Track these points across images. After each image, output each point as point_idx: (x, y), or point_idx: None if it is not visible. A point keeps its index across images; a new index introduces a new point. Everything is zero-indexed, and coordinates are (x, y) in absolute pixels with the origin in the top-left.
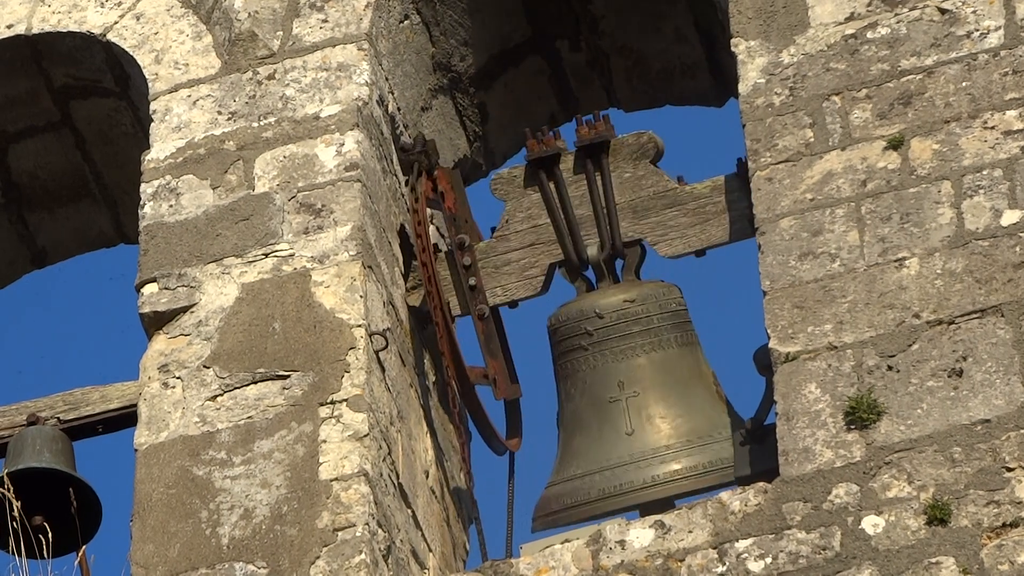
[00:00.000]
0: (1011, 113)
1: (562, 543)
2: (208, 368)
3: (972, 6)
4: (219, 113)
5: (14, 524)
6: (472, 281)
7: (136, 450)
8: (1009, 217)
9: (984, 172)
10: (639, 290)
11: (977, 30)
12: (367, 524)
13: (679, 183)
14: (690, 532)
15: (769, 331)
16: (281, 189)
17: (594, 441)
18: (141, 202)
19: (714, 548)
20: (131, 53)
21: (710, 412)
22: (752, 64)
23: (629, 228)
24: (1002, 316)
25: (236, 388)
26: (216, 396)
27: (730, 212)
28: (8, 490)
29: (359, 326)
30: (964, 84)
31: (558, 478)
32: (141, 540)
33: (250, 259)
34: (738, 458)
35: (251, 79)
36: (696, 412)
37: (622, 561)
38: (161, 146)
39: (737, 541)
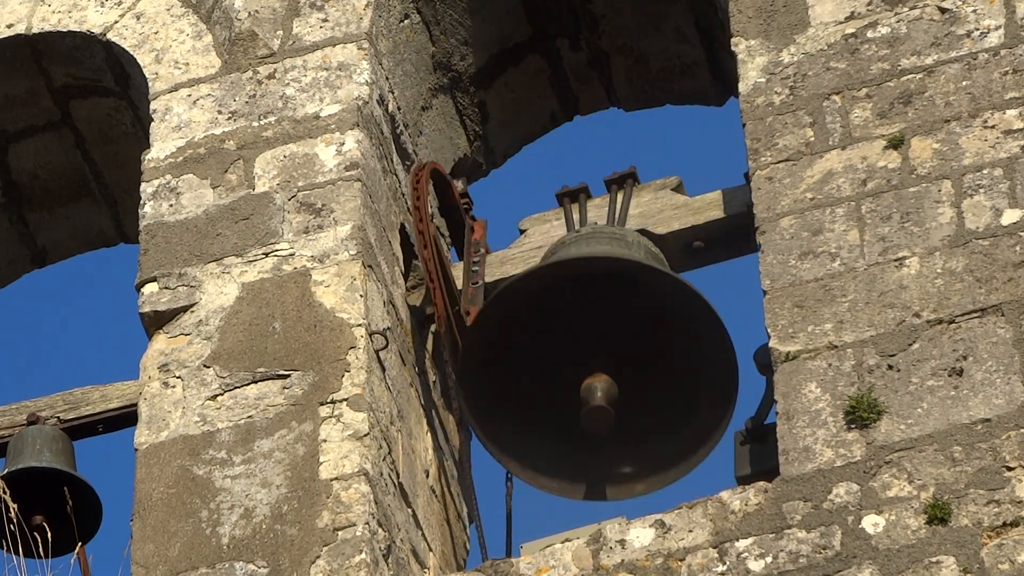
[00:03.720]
0: (1011, 112)
1: (562, 543)
2: (208, 367)
3: (972, 5)
4: (219, 112)
5: (11, 526)
6: (475, 268)
7: (136, 450)
8: (1009, 216)
9: (984, 171)
10: (623, 228)
11: (977, 29)
12: (367, 523)
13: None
14: (690, 531)
15: (769, 330)
16: (281, 188)
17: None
18: (141, 201)
19: (714, 547)
20: (131, 52)
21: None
22: (752, 63)
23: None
24: (1002, 315)
25: (236, 387)
26: (216, 395)
27: (729, 203)
28: (5, 492)
29: (359, 325)
30: (964, 83)
31: None
32: (141, 539)
33: (250, 258)
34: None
35: (251, 78)
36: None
37: (622, 560)
38: (161, 145)
39: (737, 540)
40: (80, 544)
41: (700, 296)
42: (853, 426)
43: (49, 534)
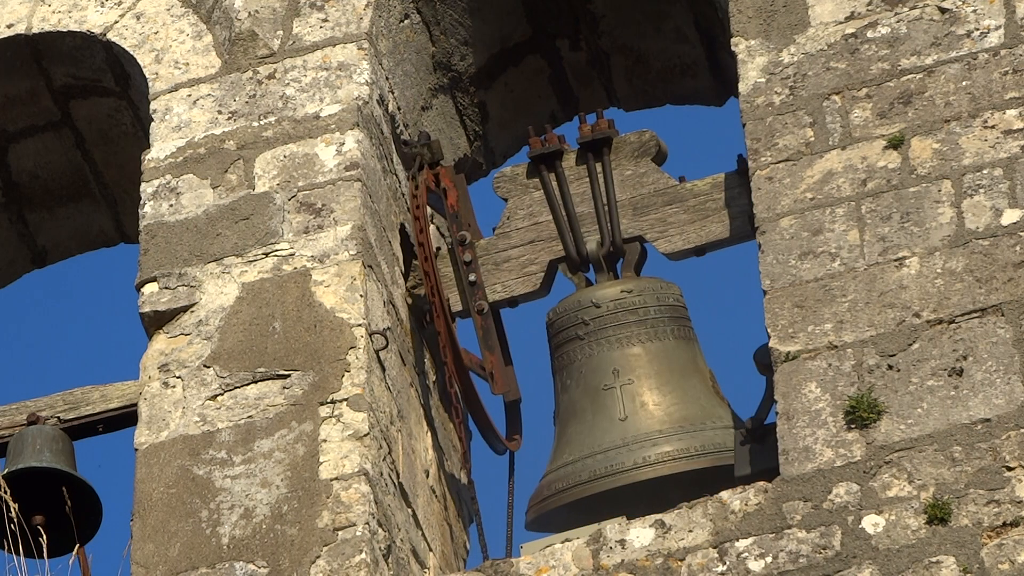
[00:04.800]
0: (1011, 112)
1: (562, 543)
2: (208, 367)
3: (972, 5)
4: (219, 112)
5: (11, 526)
6: (472, 277)
7: (136, 450)
8: (1009, 216)
9: (984, 171)
10: (637, 283)
11: (977, 29)
12: (367, 523)
13: (680, 182)
14: (690, 531)
15: (769, 330)
16: (281, 188)
17: (587, 428)
18: (141, 201)
19: (714, 547)
20: (131, 52)
21: (705, 403)
22: (752, 63)
23: (629, 225)
24: (1002, 315)
25: (236, 387)
26: (216, 395)
27: (730, 209)
28: (5, 492)
29: (359, 325)
30: (964, 83)
31: (552, 467)
32: (141, 539)
33: (250, 258)
34: (738, 457)
35: (251, 78)
36: (691, 402)
37: (622, 560)
38: (161, 145)
39: (737, 540)
40: (80, 544)
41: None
42: (853, 426)
43: (48, 534)
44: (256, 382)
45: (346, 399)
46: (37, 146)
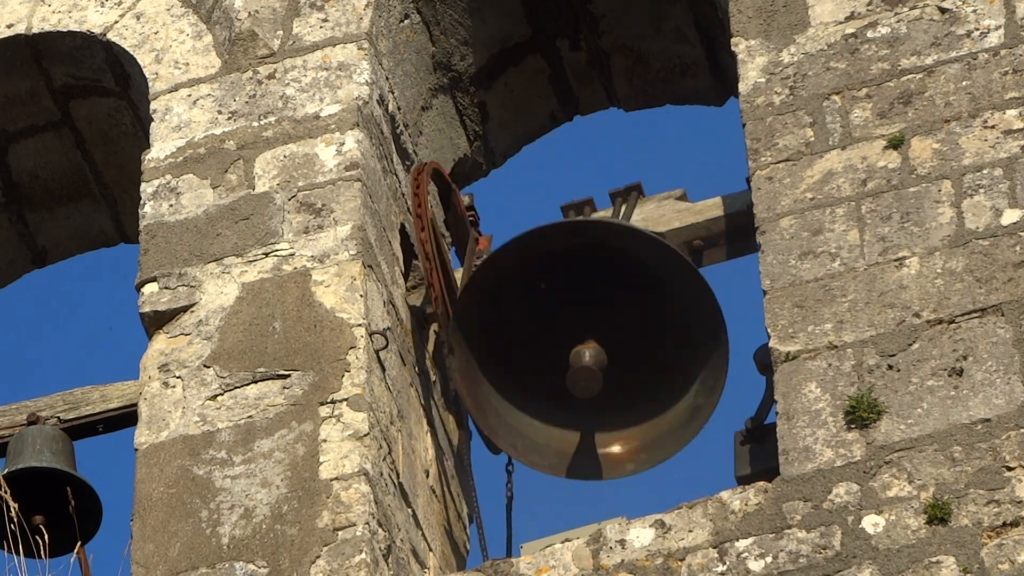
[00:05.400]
0: (1011, 112)
1: (562, 543)
2: (208, 367)
3: (972, 5)
4: (219, 112)
5: (11, 526)
6: (478, 262)
7: (136, 450)
8: (1009, 216)
9: (984, 171)
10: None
11: (977, 29)
12: (367, 523)
13: None
14: (690, 531)
15: (769, 330)
16: (281, 188)
17: None
18: (141, 201)
19: (714, 547)
20: (131, 52)
21: None
22: (752, 63)
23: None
24: (1002, 315)
25: (236, 387)
26: (216, 395)
27: (730, 206)
28: (5, 492)
29: (359, 325)
30: (964, 83)
31: None
32: (141, 539)
33: (250, 258)
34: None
35: (251, 78)
36: None
37: (622, 560)
38: (161, 145)
39: (737, 540)
40: (80, 544)
41: (687, 264)
42: (853, 426)
43: (48, 534)
44: (256, 382)
45: (346, 399)
46: (37, 146)
